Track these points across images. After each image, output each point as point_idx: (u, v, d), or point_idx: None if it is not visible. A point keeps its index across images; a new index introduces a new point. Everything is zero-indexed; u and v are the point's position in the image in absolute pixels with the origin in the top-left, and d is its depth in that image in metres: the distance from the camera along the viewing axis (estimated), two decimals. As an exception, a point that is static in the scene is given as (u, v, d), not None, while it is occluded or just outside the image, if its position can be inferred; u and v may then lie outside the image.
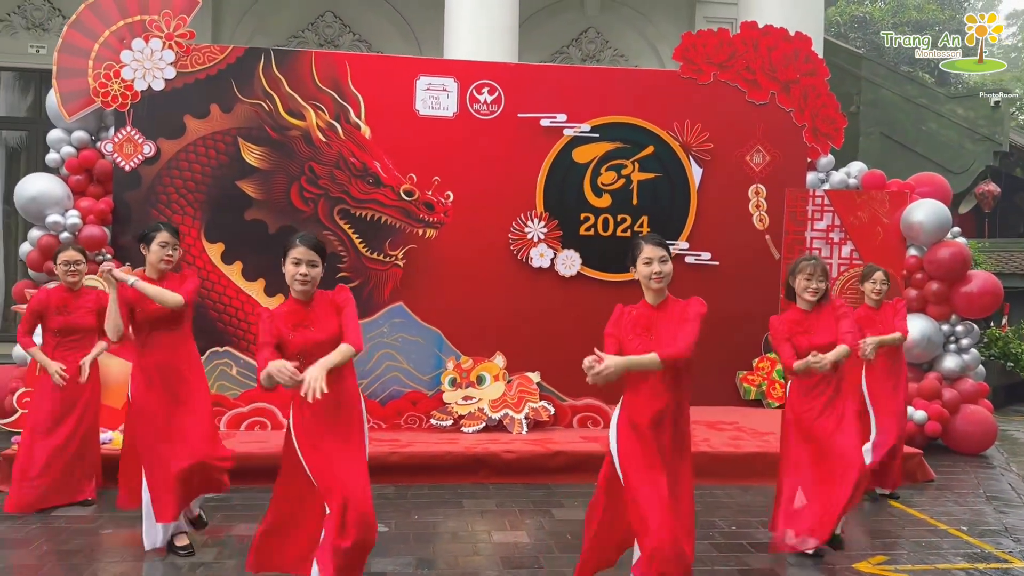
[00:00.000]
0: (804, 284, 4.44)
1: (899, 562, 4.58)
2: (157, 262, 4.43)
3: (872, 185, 8.16)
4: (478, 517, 5.22)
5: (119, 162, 7.28)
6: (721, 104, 8.01)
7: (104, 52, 7.29)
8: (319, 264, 3.55)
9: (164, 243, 4.43)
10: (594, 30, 12.23)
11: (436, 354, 6.96)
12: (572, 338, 7.61)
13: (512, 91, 7.78)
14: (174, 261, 4.48)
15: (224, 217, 7.41)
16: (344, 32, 11.72)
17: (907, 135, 12.63)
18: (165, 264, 4.43)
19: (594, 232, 7.88)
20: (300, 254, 3.50)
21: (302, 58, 7.57)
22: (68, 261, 5.29)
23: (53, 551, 4.49)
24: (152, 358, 4.41)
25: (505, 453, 6.00)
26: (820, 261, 4.51)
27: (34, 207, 7.05)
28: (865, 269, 5.88)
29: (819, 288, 4.41)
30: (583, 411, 6.86)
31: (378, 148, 7.59)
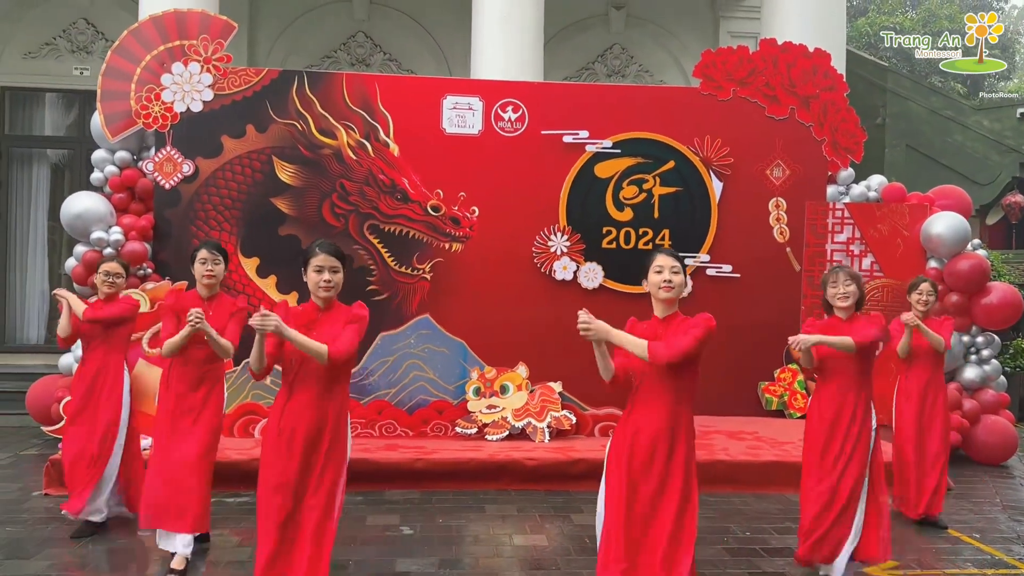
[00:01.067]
0: (833, 292, 4.49)
1: (910, 567, 4.69)
2: (200, 278, 4.68)
3: (892, 198, 8.26)
4: (500, 521, 5.42)
5: (160, 180, 7.62)
6: (741, 119, 8.17)
7: (145, 76, 7.65)
8: (340, 270, 3.74)
9: (203, 260, 4.66)
10: (619, 46, 12.43)
11: (461, 364, 7.19)
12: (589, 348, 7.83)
13: (536, 109, 8.01)
14: (217, 277, 4.69)
15: (259, 232, 7.71)
16: (375, 52, 12.04)
17: (933, 147, 12.64)
18: (208, 279, 4.63)
19: (616, 245, 8.06)
20: (322, 261, 3.69)
21: (334, 80, 7.87)
22: (109, 272, 5.43)
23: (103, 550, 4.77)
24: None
25: (527, 460, 6.20)
26: (845, 267, 4.61)
27: (79, 224, 7.41)
28: (913, 280, 5.90)
29: (847, 292, 4.42)
30: (604, 420, 7.02)
31: (406, 165, 7.85)
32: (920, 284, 5.78)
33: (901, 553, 4.92)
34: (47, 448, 7.20)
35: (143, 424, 6.17)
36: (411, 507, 5.66)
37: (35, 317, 11.63)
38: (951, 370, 7.74)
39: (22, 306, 11.58)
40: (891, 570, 4.62)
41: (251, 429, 6.63)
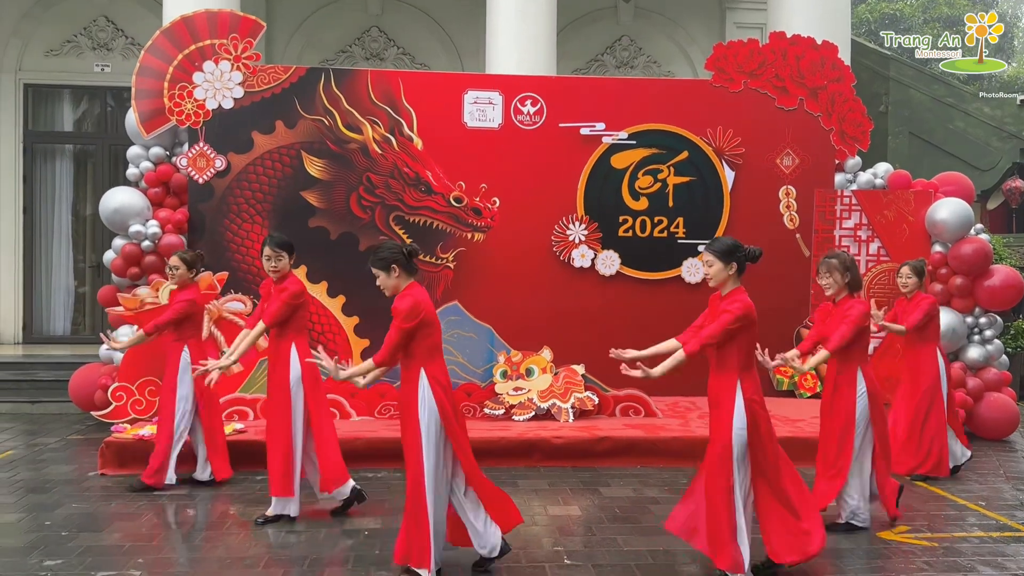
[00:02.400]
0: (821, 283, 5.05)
1: (920, 531, 5.02)
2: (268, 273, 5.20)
3: (898, 185, 8.56)
4: (532, 495, 5.75)
5: (193, 175, 7.91)
6: (752, 110, 8.46)
7: (178, 74, 7.93)
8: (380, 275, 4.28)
9: (267, 257, 5.08)
10: (627, 38, 12.70)
11: (488, 349, 7.51)
12: (614, 333, 8.10)
13: (553, 102, 8.30)
14: (279, 270, 5.13)
15: (290, 225, 7.98)
16: (389, 46, 12.31)
17: (935, 134, 12.94)
18: (273, 274, 5.14)
19: (632, 233, 8.37)
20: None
21: (359, 76, 8.16)
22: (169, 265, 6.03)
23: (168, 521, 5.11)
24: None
25: (554, 438, 6.53)
26: (828, 258, 5.01)
27: (118, 218, 7.71)
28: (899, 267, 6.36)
29: (826, 284, 4.98)
30: (625, 401, 7.35)
31: (429, 158, 8.14)
32: (900, 268, 6.25)
33: (911, 519, 5.26)
34: (92, 432, 7.52)
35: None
36: (448, 483, 5.98)
37: (60, 310, 11.95)
38: (956, 350, 8.07)
39: (48, 299, 11.89)
40: (903, 534, 4.96)
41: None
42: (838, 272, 4.91)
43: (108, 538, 4.77)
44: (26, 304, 11.65)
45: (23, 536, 4.75)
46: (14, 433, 7.70)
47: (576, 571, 4.32)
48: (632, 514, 5.32)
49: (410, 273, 4.26)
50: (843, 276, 4.91)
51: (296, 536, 4.85)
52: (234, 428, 6.52)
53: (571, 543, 4.76)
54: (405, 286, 4.22)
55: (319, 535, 4.88)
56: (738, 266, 4.18)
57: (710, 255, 4.21)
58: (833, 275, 4.92)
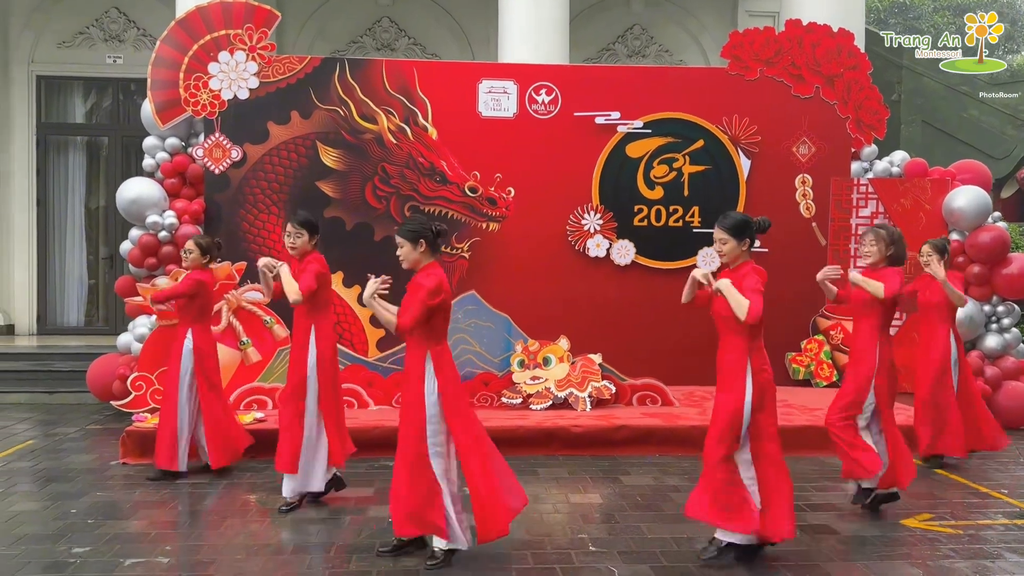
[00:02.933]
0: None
1: (943, 519, 5.02)
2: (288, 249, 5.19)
3: (914, 173, 8.52)
4: (553, 483, 5.75)
5: (209, 166, 7.92)
6: (768, 98, 8.43)
7: (193, 65, 7.93)
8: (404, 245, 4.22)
9: (288, 233, 5.14)
10: (639, 26, 12.65)
11: (506, 338, 7.51)
12: (630, 322, 8.18)
13: (568, 91, 8.28)
14: (297, 248, 5.11)
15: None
16: (400, 36, 12.28)
17: (948, 122, 12.88)
18: (291, 251, 5.14)
19: (647, 223, 8.36)
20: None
21: (374, 66, 8.14)
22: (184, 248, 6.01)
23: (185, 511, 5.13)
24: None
25: (573, 427, 6.53)
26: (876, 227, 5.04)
27: (135, 208, 7.73)
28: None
29: (867, 252, 5.01)
30: (642, 390, 7.34)
31: (444, 148, 8.13)
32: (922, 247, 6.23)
33: (933, 507, 5.26)
34: (110, 422, 7.55)
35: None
36: (468, 472, 5.99)
37: (74, 301, 12.00)
38: (973, 338, 8.04)
39: (62, 290, 11.93)
40: (926, 521, 4.95)
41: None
42: (884, 243, 4.95)
43: (134, 525, 4.79)
44: (40, 296, 11.70)
45: (49, 524, 4.77)
46: (32, 423, 7.73)
47: (602, 558, 4.33)
48: (654, 502, 5.33)
49: (433, 252, 4.27)
50: (887, 248, 4.94)
51: (320, 524, 4.87)
52: (254, 417, 6.54)
53: (595, 531, 4.77)
54: (426, 263, 4.21)
55: (343, 522, 4.90)
56: (750, 241, 4.21)
57: (723, 232, 4.21)
58: (879, 244, 4.95)
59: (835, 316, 8.48)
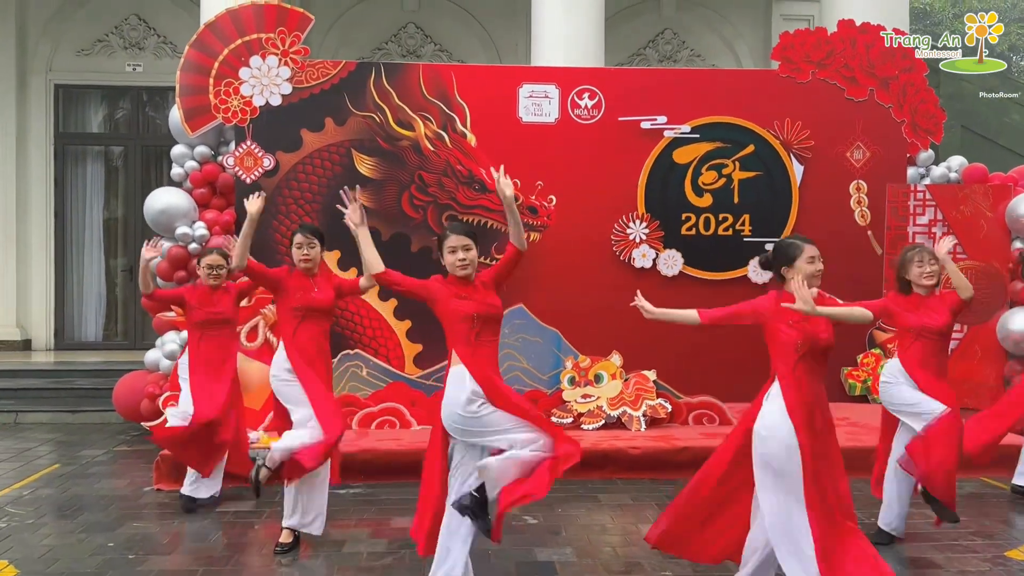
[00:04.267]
0: (919, 271, 4.71)
1: None
2: (297, 263, 4.84)
3: (973, 179, 8.16)
4: (618, 511, 5.39)
5: (240, 175, 7.59)
6: (820, 102, 8.07)
7: (223, 70, 7.61)
8: (472, 248, 3.97)
9: (299, 244, 4.72)
10: (670, 31, 12.35)
11: (555, 353, 7.14)
12: (681, 336, 7.71)
13: (612, 95, 7.94)
14: (313, 260, 4.78)
15: (340, 225, 7.44)
16: (426, 43, 11.99)
17: (989, 127, 12.51)
18: (304, 264, 4.80)
19: (695, 232, 8.00)
20: (455, 243, 3.95)
21: (410, 71, 7.82)
22: (211, 265, 5.60)
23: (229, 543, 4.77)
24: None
25: (631, 449, 6.16)
26: (922, 247, 4.78)
27: (164, 219, 7.39)
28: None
29: (934, 271, 4.68)
30: (698, 408, 6.98)
31: (483, 155, 7.80)
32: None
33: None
34: (139, 443, 7.22)
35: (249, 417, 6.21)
36: (524, 497, 5.63)
37: (92, 315, 11.71)
38: (1040, 352, 7.65)
39: (80, 305, 11.64)
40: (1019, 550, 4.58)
41: (348, 421, 6.61)
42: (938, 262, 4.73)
43: (178, 561, 4.44)
44: (57, 310, 11.40)
45: (86, 561, 4.42)
46: (55, 444, 7.39)
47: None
48: (731, 532, 4.94)
49: None
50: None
51: (374, 559, 4.50)
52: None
53: (677, 567, 4.42)
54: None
55: (405, 556, 4.53)
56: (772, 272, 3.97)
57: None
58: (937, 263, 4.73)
59: (892, 328, 8.09)
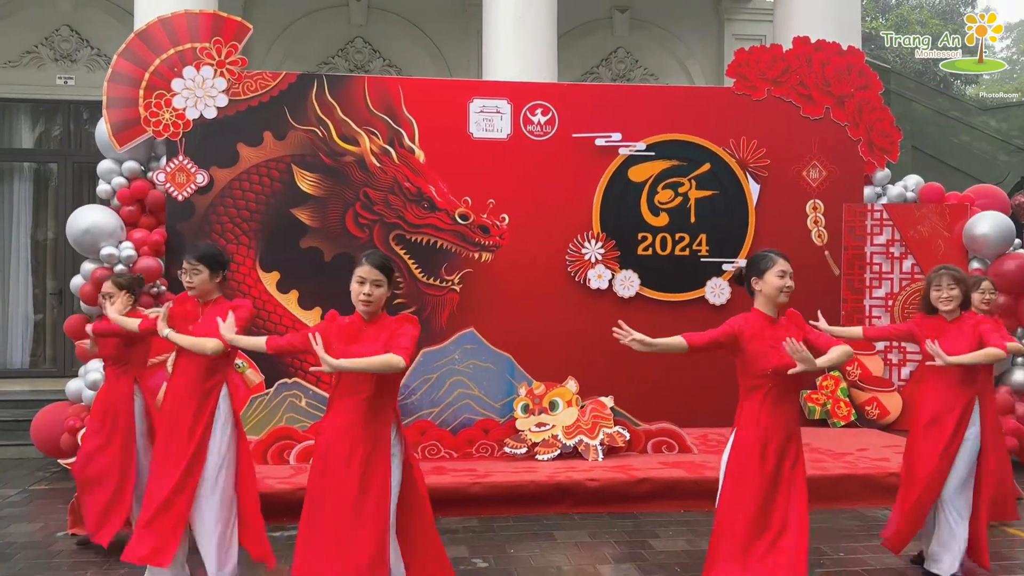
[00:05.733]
0: (936, 295, 4.50)
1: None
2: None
3: (930, 198, 8.08)
4: (575, 549, 5.04)
5: (172, 192, 7.15)
6: (776, 119, 7.94)
7: (155, 81, 7.19)
8: (384, 285, 3.50)
9: (183, 270, 4.17)
10: (623, 50, 12.18)
11: (508, 380, 6.79)
12: (638, 360, 7.43)
13: (566, 111, 7.69)
14: (197, 288, 4.13)
15: (279, 245, 7.28)
16: (374, 57, 11.64)
17: (939, 148, 12.56)
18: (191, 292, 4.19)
19: (652, 252, 7.77)
20: (364, 273, 3.48)
21: (355, 83, 7.47)
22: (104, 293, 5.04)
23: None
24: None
25: (588, 481, 5.82)
26: (950, 269, 4.53)
27: (88, 239, 6.90)
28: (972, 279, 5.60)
29: (951, 296, 4.45)
30: (657, 435, 6.67)
31: (432, 172, 7.48)
32: (981, 283, 5.48)
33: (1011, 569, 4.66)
34: (58, 481, 6.66)
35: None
36: (475, 536, 5.25)
37: (18, 341, 11.01)
38: (1000, 373, 7.54)
39: (4, 329, 10.95)
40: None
41: (286, 455, 6.17)
42: (965, 284, 4.52)
43: (85, 621, 3.97)
44: (-20, 335, 10.70)
45: (-20, 621, 3.93)
46: (-33, 483, 6.79)
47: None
48: (695, 572, 4.62)
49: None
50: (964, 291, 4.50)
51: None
52: None
53: (637, 612, 4.06)
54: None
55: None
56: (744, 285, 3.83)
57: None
58: (960, 287, 4.47)
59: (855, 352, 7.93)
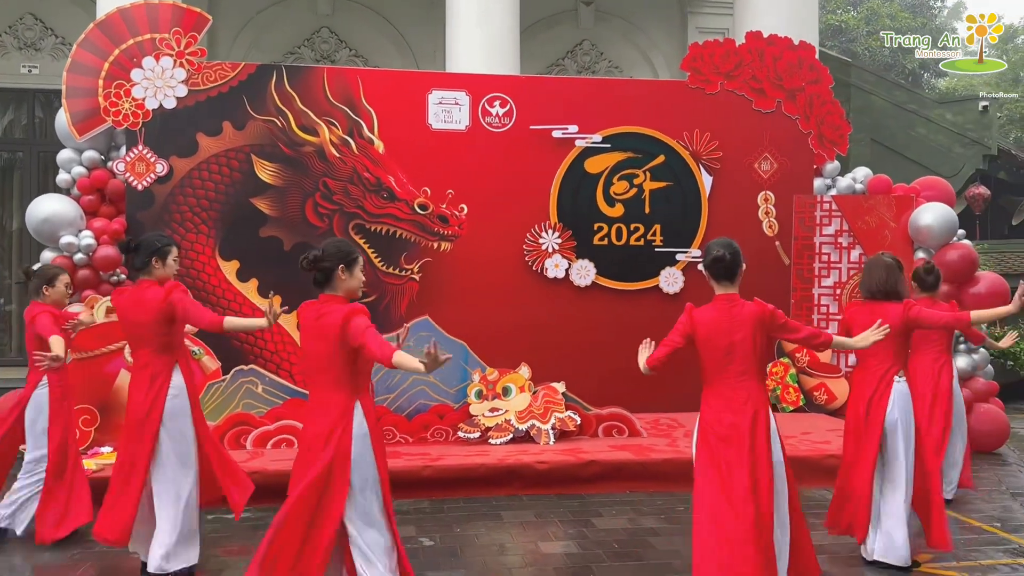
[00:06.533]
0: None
1: (944, 559, 4.64)
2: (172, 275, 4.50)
3: (878, 190, 8.30)
4: (520, 529, 5.22)
5: (132, 181, 7.21)
6: (729, 113, 8.11)
7: (114, 71, 7.23)
8: None
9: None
10: (588, 42, 12.32)
11: (462, 367, 6.95)
12: (592, 347, 7.71)
13: (524, 103, 7.83)
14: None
15: (239, 234, 7.37)
16: (340, 48, 11.70)
17: (897, 140, 12.85)
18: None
19: (608, 242, 7.93)
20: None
21: (314, 74, 7.57)
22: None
23: None
24: None
25: (538, 464, 6.00)
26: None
27: (47, 228, 6.96)
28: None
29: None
30: (608, 420, 6.86)
31: (392, 162, 7.59)
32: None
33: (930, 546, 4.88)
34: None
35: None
36: (424, 517, 5.42)
37: (-17, 330, 11.00)
38: (942, 359, 7.78)
39: (-31, 318, 10.94)
40: (929, 564, 4.56)
41: (242, 440, 6.30)
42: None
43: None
44: (-55, 324, 10.69)
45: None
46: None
47: (584, 621, 3.81)
48: (632, 549, 4.83)
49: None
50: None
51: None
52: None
53: (573, 586, 4.25)
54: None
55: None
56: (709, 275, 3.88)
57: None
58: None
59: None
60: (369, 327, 3.37)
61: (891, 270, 4.66)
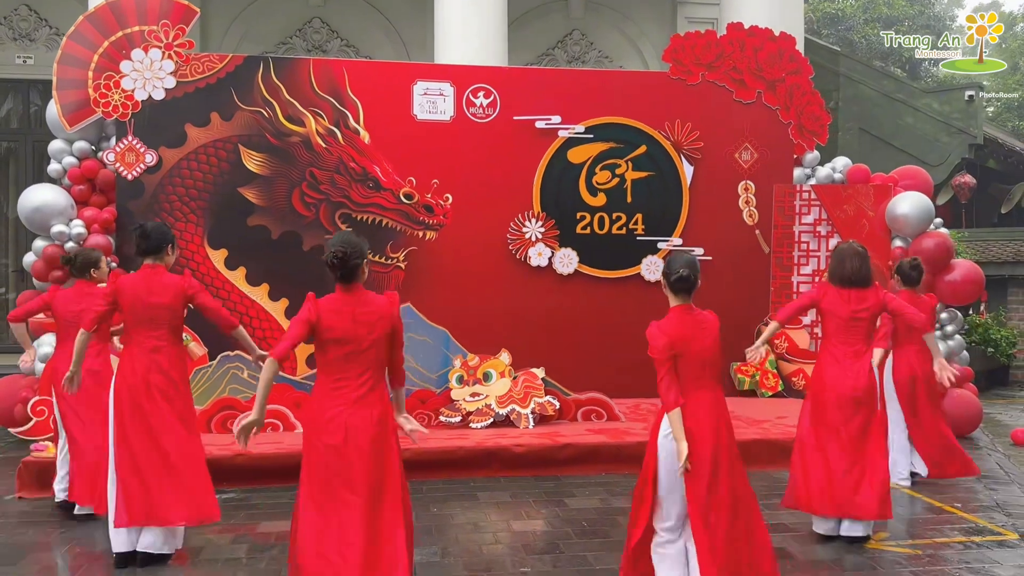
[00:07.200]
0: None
1: (900, 537, 4.80)
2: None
3: (857, 179, 8.43)
4: (494, 508, 5.39)
5: (121, 171, 7.36)
6: (710, 103, 8.24)
7: (103, 63, 7.37)
8: None
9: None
10: (579, 32, 12.43)
11: (444, 353, 7.12)
12: (573, 334, 7.88)
13: (507, 94, 7.96)
14: None
15: (226, 223, 7.52)
16: (332, 38, 11.82)
17: (884, 129, 12.96)
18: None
19: (590, 231, 8.08)
20: None
21: (300, 65, 7.70)
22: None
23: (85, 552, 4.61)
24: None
25: (515, 447, 6.17)
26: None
27: (39, 217, 7.12)
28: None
29: None
30: (586, 404, 7.03)
31: (377, 152, 7.73)
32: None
33: (891, 524, 5.04)
34: (12, 450, 6.91)
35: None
36: (402, 498, 5.58)
37: (-22, 317, 11.18)
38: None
39: (-34, 305, 11.12)
40: (884, 542, 4.73)
41: (229, 424, 6.47)
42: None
43: (24, 571, 4.26)
44: (-57, 312, 10.87)
45: (-76, 574, 4.22)
46: (-76, 453, 7.04)
47: (546, 594, 3.98)
48: (600, 527, 5.00)
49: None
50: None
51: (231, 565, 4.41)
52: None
53: (538, 563, 4.42)
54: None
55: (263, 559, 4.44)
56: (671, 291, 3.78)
57: None
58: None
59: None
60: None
61: (865, 259, 4.81)
